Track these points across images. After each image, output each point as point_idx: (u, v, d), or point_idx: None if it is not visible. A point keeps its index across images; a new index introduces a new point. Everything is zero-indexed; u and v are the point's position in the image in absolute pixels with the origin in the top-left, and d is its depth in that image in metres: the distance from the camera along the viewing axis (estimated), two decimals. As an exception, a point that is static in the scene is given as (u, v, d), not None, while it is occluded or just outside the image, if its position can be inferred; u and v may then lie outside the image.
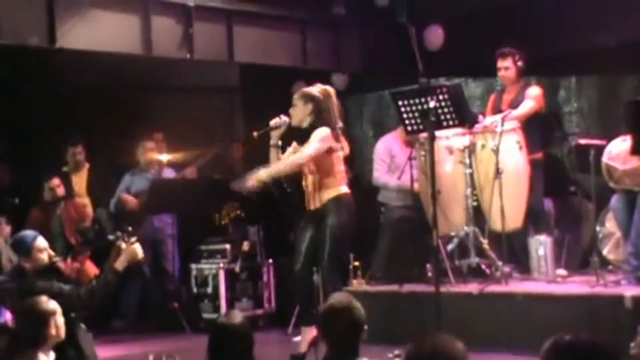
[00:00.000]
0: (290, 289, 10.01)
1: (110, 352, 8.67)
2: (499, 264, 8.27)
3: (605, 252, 8.90)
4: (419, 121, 7.71)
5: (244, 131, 12.39)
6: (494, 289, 8.05)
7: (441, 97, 7.59)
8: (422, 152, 8.64)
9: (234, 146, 11.43)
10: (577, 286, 8.01)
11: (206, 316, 10.07)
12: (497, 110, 8.81)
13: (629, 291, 7.32)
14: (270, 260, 10.45)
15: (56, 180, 10.21)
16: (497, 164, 8.26)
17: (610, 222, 8.85)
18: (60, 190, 10.19)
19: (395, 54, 10.83)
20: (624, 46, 9.29)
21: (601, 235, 8.92)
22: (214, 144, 11.48)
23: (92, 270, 9.35)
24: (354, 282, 9.34)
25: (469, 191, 8.56)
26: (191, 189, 10.35)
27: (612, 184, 8.06)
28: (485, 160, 8.45)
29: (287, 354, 8.55)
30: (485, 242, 8.43)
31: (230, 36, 10.24)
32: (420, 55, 8.97)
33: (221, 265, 10.13)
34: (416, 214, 9.04)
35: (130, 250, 6.67)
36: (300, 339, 7.84)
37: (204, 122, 11.70)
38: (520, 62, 8.78)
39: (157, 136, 10.81)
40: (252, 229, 10.63)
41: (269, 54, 10.68)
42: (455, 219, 8.63)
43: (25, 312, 5.59)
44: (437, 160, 7.76)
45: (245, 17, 10.31)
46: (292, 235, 10.50)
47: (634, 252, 7.82)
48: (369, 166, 9.95)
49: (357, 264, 9.55)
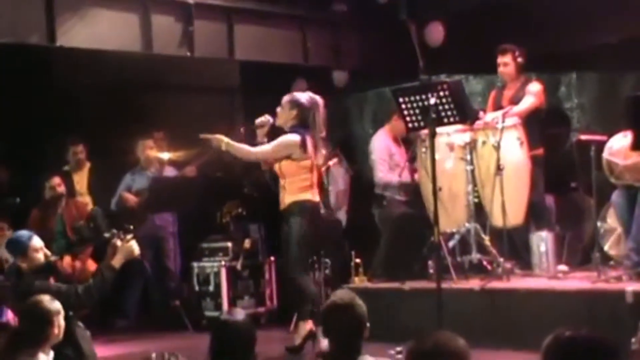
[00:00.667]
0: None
1: (112, 350, 8.68)
2: (500, 260, 8.27)
3: (606, 247, 8.90)
4: (419, 118, 7.71)
5: (244, 130, 12.39)
6: (495, 285, 8.06)
7: (442, 93, 7.58)
8: (423, 149, 8.64)
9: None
10: (578, 282, 8.00)
11: (208, 314, 10.07)
12: (497, 106, 8.81)
13: (630, 286, 7.32)
14: (272, 257, 10.45)
15: (57, 179, 10.20)
16: (498, 161, 8.26)
17: (611, 218, 8.85)
18: (61, 189, 10.19)
19: (395, 51, 10.82)
20: (625, 42, 9.29)
21: (602, 230, 8.91)
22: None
23: (93, 269, 9.35)
24: (356, 279, 9.35)
25: (470, 188, 8.57)
26: (192, 187, 10.35)
27: (613, 180, 8.06)
28: (486, 156, 8.45)
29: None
30: (486, 239, 8.43)
31: (230, 34, 10.23)
32: (420, 52, 8.95)
33: (223, 263, 10.13)
34: (417, 211, 9.05)
35: (126, 247, 6.72)
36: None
37: (204, 121, 11.68)
38: (519, 58, 8.78)
39: (157, 135, 10.82)
40: (253, 227, 10.64)
41: (269, 51, 10.67)
42: (456, 215, 8.63)
43: (29, 311, 5.58)
44: (438, 157, 7.76)
45: (245, 14, 10.30)
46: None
47: (635, 247, 7.83)
48: (369, 163, 9.94)
49: (358, 261, 9.56)
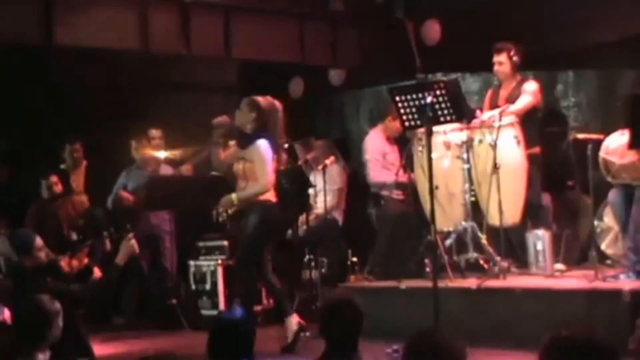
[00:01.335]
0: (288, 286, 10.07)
1: (109, 349, 8.67)
2: (497, 259, 8.27)
3: (603, 246, 8.91)
4: (416, 116, 7.71)
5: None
6: (492, 284, 8.05)
7: (438, 92, 7.58)
8: (420, 148, 8.63)
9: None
10: (575, 281, 8.00)
11: (205, 313, 10.06)
12: (494, 105, 8.80)
13: (627, 285, 7.32)
14: (268, 256, 10.42)
15: (54, 177, 10.20)
16: (494, 159, 8.25)
17: (608, 217, 8.86)
18: (58, 187, 10.18)
19: (392, 50, 10.83)
20: (622, 41, 9.30)
21: (599, 229, 8.92)
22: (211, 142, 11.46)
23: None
24: (352, 277, 9.36)
25: (467, 186, 8.57)
26: (188, 186, 10.34)
27: (609, 179, 8.06)
28: (482, 155, 8.45)
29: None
30: (483, 237, 8.43)
31: (227, 32, 10.23)
32: (417, 50, 8.97)
33: (219, 261, 10.12)
34: (414, 210, 9.05)
35: (129, 245, 6.93)
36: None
37: (201, 119, 11.68)
38: (515, 57, 8.76)
39: (153, 133, 10.80)
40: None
41: (267, 49, 10.68)
42: (453, 214, 8.63)
43: (30, 312, 5.54)
44: (434, 155, 7.76)
45: (242, 12, 10.30)
46: (289, 231, 10.53)
47: (633, 246, 7.83)
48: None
49: (355, 259, 9.58)
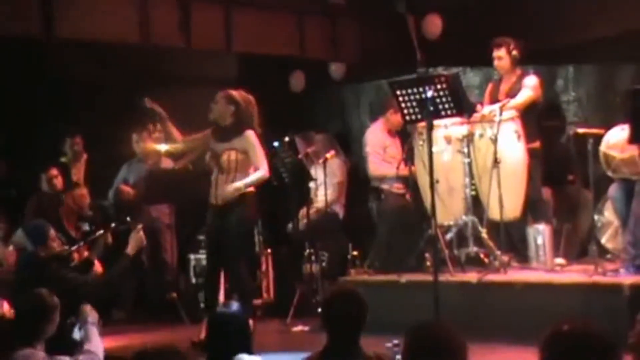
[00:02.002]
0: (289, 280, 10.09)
1: (108, 342, 8.61)
2: (498, 253, 8.28)
3: (603, 240, 8.92)
4: (417, 110, 7.72)
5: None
6: (492, 278, 8.06)
7: (439, 86, 7.58)
8: (420, 142, 8.63)
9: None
10: (575, 275, 8.01)
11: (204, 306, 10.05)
12: (494, 99, 8.80)
13: (627, 280, 7.35)
14: (268, 250, 10.43)
15: (54, 170, 10.18)
16: (495, 153, 8.25)
17: (608, 211, 8.86)
18: (58, 180, 10.17)
19: (393, 44, 10.82)
20: (622, 36, 9.29)
21: (599, 224, 8.93)
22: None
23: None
24: (352, 271, 9.36)
25: (467, 180, 8.57)
26: (188, 179, 10.32)
27: (610, 173, 8.07)
28: (483, 149, 8.45)
29: (286, 343, 8.59)
30: (483, 232, 8.43)
31: (228, 25, 10.22)
32: (418, 44, 8.95)
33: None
34: (414, 204, 9.05)
35: (138, 237, 7.12)
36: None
37: (201, 113, 11.67)
38: (514, 52, 8.74)
39: (154, 126, 10.78)
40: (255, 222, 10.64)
41: (267, 43, 10.67)
42: (453, 208, 8.63)
43: (30, 305, 5.50)
44: (435, 149, 7.76)
45: (243, 6, 10.30)
46: (290, 225, 10.53)
47: (633, 240, 7.83)
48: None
49: (355, 253, 9.57)
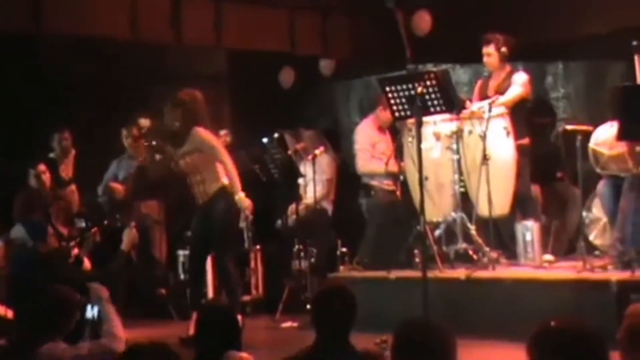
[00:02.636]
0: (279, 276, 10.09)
1: (97, 338, 8.65)
2: (486, 249, 8.29)
3: (591, 237, 8.94)
4: (406, 107, 7.72)
5: (231, 119, 12.37)
6: (481, 274, 8.07)
7: (428, 83, 7.59)
8: (410, 138, 8.63)
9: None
10: (563, 271, 8.04)
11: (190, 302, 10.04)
12: (483, 96, 8.80)
13: (615, 276, 7.36)
14: (257, 246, 10.43)
15: (42, 166, 10.14)
16: (484, 150, 8.26)
17: (596, 208, 8.88)
18: (46, 176, 10.14)
19: (382, 40, 10.80)
20: (611, 33, 9.30)
21: (588, 220, 8.95)
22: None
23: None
24: (342, 268, 9.37)
25: (456, 177, 8.57)
26: (178, 175, 10.31)
27: (598, 170, 8.08)
28: (472, 146, 8.46)
29: (275, 340, 8.60)
30: (472, 228, 8.44)
31: (218, 21, 10.20)
32: (407, 41, 8.93)
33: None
34: (404, 200, 9.06)
35: (132, 233, 7.25)
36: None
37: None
38: (503, 48, 8.74)
39: (143, 122, 10.76)
40: (247, 211, 10.62)
41: (257, 39, 10.65)
42: (442, 205, 8.64)
43: (55, 302, 5.43)
44: (424, 146, 7.76)
45: (233, 1, 10.28)
46: (279, 221, 10.53)
47: (620, 237, 7.85)
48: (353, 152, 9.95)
49: (344, 249, 9.57)
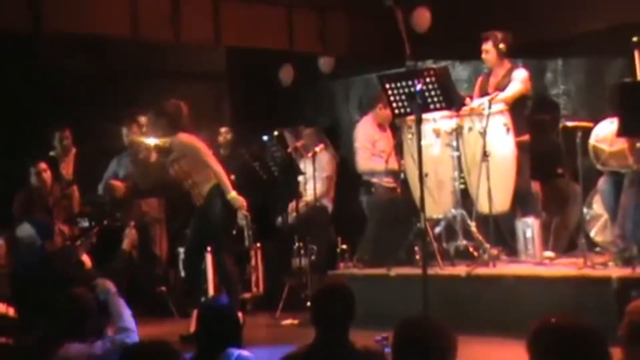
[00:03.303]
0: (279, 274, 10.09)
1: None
2: (487, 246, 8.29)
3: (592, 234, 8.93)
4: (406, 104, 7.72)
5: (231, 117, 12.38)
6: (481, 271, 8.08)
7: (428, 79, 7.60)
8: (410, 135, 8.63)
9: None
10: (564, 268, 8.03)
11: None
12: (483, 92, 8.80)
13: (615, 273, 7.36)
14: (258, 244, 10.43)
15: (43, 164, 10.15)
16: (484, 147, 8.26)
17: (597, 204, 8.88)
18: (47, 174, 10.14)
19: (382, 37, 10.80)
20: (611, 29, 9.29)
21: (588, 217, 8.95)
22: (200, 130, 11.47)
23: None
24: (342, 265, 9.37)
25: (456, 174, 8.58)
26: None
27: (599, 166, 8.08)
28: (472, 142, 8.46)
29: (276, 337, 8.60)
30: (472, 225, 8.44)
31: (217, 19, 10.20)
32: (407, 38, 8.93)
33: (208, 249, 10.10)
34: (404, 197, 9.06)
35: (132, 232, 7.26)
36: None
37: (190, 107, 11.70)
38: (501, 45, 8.74)
39: (143, 120, 10.76)
40: (239, 213, 10.63)
41: (256, 37, 10.64)
42: (442, 201, 8.64)
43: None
44: (424, 143, 7.75)
45: (232, 0, 10.27)
46: (279, 219, 10.53)
47: (621, 234, 7.85)
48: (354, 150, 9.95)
49: (344, 247, 9.57)
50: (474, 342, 6.78)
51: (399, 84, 7.72)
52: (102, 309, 5.65)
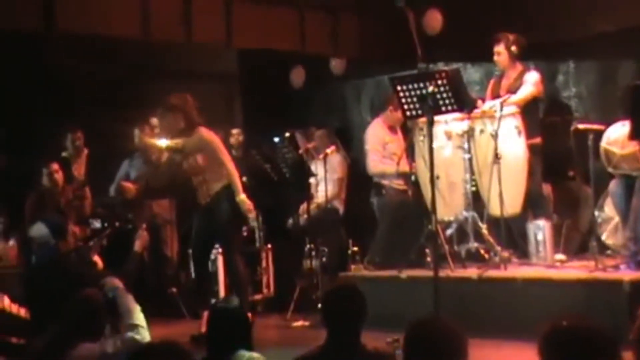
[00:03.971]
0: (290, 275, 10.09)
1: (109, 337, 8.66)
2: (498, 248, 8.28)
3: (603, 237, 8.91)
4: (417, 106, 7.71)
5: (242, 118, 12.39)
6: (492, 273, 8.07)
7: (440, 82, 7.57)
8: (421, 137, 8.63)
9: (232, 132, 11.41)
10: (575, 271, 8.02)
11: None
12: (496, 95, 8.80)
13: (627, 276, 7.34)
14: (269, 245, 10.44)
15: (55, 165, 10.17)
16: (495, 149, 8.25)
17: (608, 207, 8.85)
18: (59, 175, 10.16)
19: (393, 39, 10.79)
20: (622, 31, 9.28)
21: (600, 220, 8.92)
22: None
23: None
24: (353, 267, 9.36)
25: (468, 176, 8.57)
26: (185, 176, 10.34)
27: (610, 169, 8.06)
28: (484, 145, 8.45)
29: (287, 338, 8.60)
30: (484, 227, 8.43)
31: (229, 20, 10.21)
32: (418, 40, 8.91)
33: (219, 250, 10.11)
34: (415, 199, 9.06)
35: (144, 235, 7.22)
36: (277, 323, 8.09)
37: (202, 108, 11.69)
38: (513, 47, 8.74)
39: (155, 122, 10.77)
40: (250, 214, 10.64)
41: (267, 38, 10.65)
42: (454, 204, 8.63)
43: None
44: (435, 145, 7.75)
45: (244, 1, 10.28)
46: (290, 220, 10.53)
47: (633, 236, 7.84)
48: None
49: (355, 249, 9.57)
50: (485, 344, 6.77)
51: (410, 86, 7.71)
52: (110, 307, 5.67)
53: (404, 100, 7.83)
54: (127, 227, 7.66)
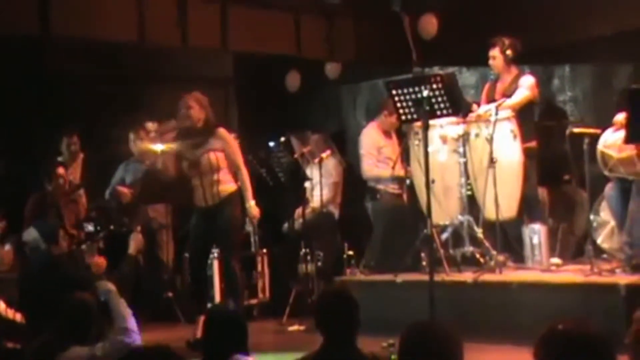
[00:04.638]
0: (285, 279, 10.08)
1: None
2: (493, 252, 8.28)
3: (599, 240, 8.91)
4: (413, 110, 7.71)
5: (237, 122, 12.37)
6: (488, 277, 8.06)
7: (435, 86, 7.58)
8: (416, 141, 8.63)
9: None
10: (571, 275, 8.01)
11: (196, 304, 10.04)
12: (491, 99, 8.80)
13: (623, 280, 7.34)
14: (264, 249, 10.43)
15: (61, 169, 10.11)
16: (491, 153, 8.25)
17: (604, 211, 8.86)
18: (64, 179, 10.13)
19: (389, 43, 10.80)
20: (618, 35, 9.29)
21: (595, 223, 8.93)
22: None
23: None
24: (348, 271, 9.36)
25: (463, 180, 8.57)
26: (185, 179, 10.32)
27: (606, 172, 8.06)
28: (479, 149, 8.45)
29: (282, 343, 8.59)
30: (479, 231, 8.43)
31: (224, 24, 10.21)
32: (414, 44, 8.93)
33: (215, 254, 10.09)
34: (410, 204, 9.06)
35: (138, 238, 7.15)
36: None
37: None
38: (508, 51, 8.73)
39: (150, 126, 10.75)
40: (246, 219, 10.64)
41: (263, 42, 10.65)
42: (449, 208, 8.63)
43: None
44: (431, 149, 7.75)
45: (239, 4, 10.28)
46: (286, 225, 10.53)
47: (629, 241, 7.84)
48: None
49: (351, 253, 9.56)
50: (481, 348, 6.78)
51: (405, 90, 7.71)
52: (103, 310, 5.66)
53: (399, 104, 7.82)
54: (122, 230, 7.63)
